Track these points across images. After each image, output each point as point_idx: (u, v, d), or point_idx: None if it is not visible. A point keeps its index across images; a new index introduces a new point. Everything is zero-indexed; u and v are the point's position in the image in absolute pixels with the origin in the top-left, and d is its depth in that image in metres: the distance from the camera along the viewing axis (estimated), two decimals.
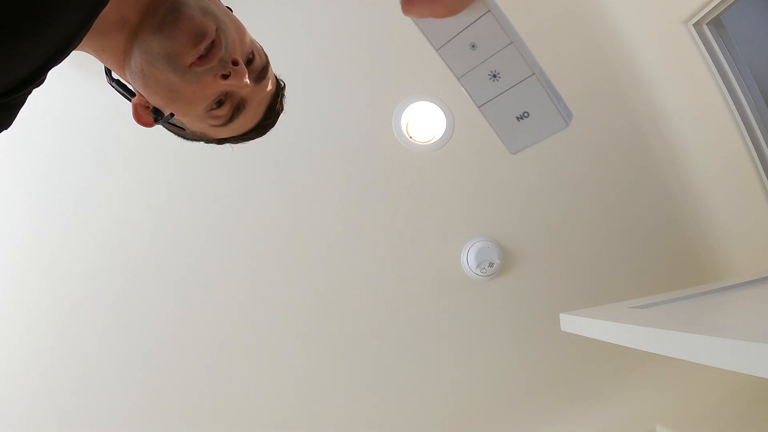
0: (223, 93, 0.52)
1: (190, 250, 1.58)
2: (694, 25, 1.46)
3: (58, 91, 1.46)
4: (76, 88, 1.47)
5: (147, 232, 1.57)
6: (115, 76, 0.55)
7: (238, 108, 0.55)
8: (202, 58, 0.49)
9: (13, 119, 0.44)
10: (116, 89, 0.56)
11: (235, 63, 0.51)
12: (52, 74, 0.44)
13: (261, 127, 0.60)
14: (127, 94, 0.56)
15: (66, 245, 1.53)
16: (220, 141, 0.61)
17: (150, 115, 0.54)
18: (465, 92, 0.38)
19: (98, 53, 0.50)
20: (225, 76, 0.50)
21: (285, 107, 0.64)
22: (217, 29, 0.49)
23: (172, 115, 0.53)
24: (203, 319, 1.58)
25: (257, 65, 0.55)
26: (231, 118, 0.55)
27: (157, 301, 1.56)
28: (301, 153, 1.62)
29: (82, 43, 0.46)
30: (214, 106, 0.53)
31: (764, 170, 1.46)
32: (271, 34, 1.58)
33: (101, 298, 1.54)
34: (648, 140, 1.76)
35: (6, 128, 0.44)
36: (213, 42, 0.49)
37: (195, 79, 0.49)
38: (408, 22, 0.37)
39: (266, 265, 1.61)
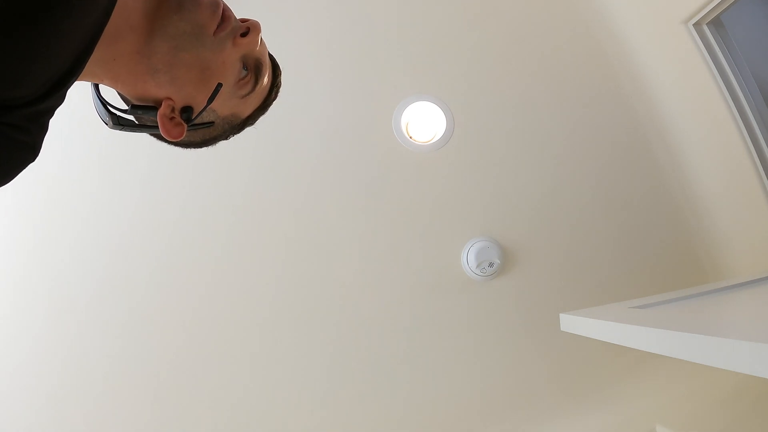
0: (242, 58, 0.54)
1: (190, 253, 1.58)
2: (694, 25, 1.46)
3: (66, 100, 1.46)
4: (84, 99, 1.46)
5: (148, 235, 1.57)
6: (115, 107, 0.53)
7: (258, 68, 0.57)
8: (220, 24, 0.51)
9: (42, 142, 0.43)
10: (126, 129, 0.54)
11: (243, 21, 0.53)
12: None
13: (275, 86, 0.63)
14: (141, 114, 0.53)
15: (73, 255, 1.53)
16: (244, 123, 0.62)
17: (179, 124, 0.53)
18: None
19: (109, 65, 0.49)
20: (243, 35, 0.52)
21: (284, 107, 0.65)
22: None
23: (216, 91, 0.53)
24: (207, 324, 1.58)
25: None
26: (256, 81, 0.57)
27: (161, 306, 1.56)
28: (301, 153, 1.62)
29: (91, 61, 0.44)
30: (241, 75, 0.55)
31: (764, 170, 1.46)
32: (272, 34, 1.58)
33: (107, 305, 1.54)
34: (648, 140, 1.76)
35: (36, 153, 0.42)
36: (222, 9, 0.51)
37: (220, 46, 0.51)
38: (408, 22, 0.37)
39: (266, 265, 1.61)
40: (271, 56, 0.62)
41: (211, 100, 0.53)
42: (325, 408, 1.61)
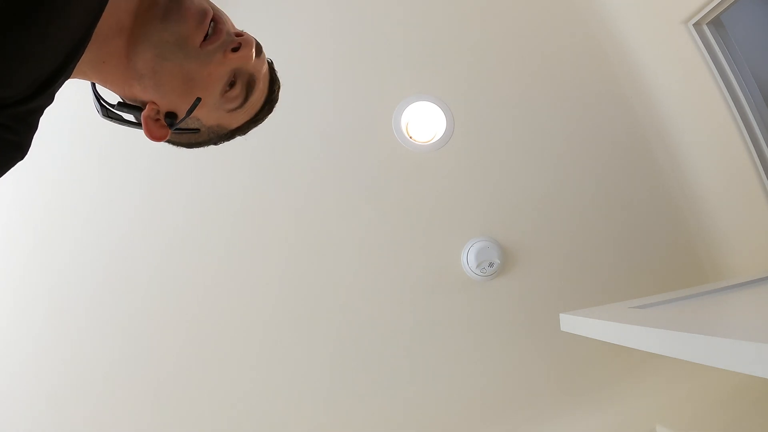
0: (233, 71, 0.53)
1: (190, 254, 1.58)
2: (694, 25, 1.46)
3: (67, 102, 1.46)
4: (84, 99, 1.46)
5: (148, 236, 1.57)
6: (106, 101, 0.54)
7: (250, 84, 0.55)
8: (210, 36, 0.50)
9: (30, 141, 0.43)
10: (115, 121, 0.55)
11: (238, 35, 0.52)
12: (64, 90, 0.43)
13: (269, 102, 0.61)
14: (128, 112, 0.54)
15: (73, 256, 1.53)
16: (233, 133, 0.61)
17: (163, 126, 0.54)
18: None
19: (98, 67, 0.49)
20: (235, 49, 0.51)
21: (283, 107, 0.64)
22: (213, 7, 0.51)
23: (195, 105, 0.52)
24: (207, 324, 1.58)
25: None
26: (246, 97, 0.56)
27: (162, 307, 1.56)
28: (301, 153, 1.62)
29: (82, 62, 0.45)
30: (227, 89, 0.54)
31: (764, 170, 1.46)
32: (272, 34, 1.58)
33: (107, 306, 1.54)
34: (647, 140, 1.76)
35: (24, 152, 0.42)
36: (214, 20, 0.50)
37: (207, 59, 0.50)
38: (408, 22, 0.36)
39: (266, 266, 1.61)
40: (272, 69, 0.61)
41: (189, 112, 0.53)
42: (325, 408, 1.61)
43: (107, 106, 0.54)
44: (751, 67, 1.48)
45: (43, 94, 0.41)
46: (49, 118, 0.43)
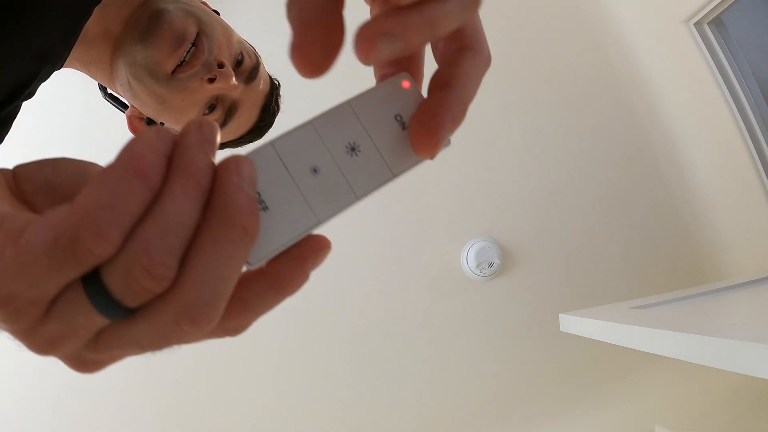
0: (213, 97, 0.52)
1: None
2: (694, 24, 1.45)
3: (66, 99, 1.46)
4: (84, 100, 1.46)
5: None
6: (109, 90, 0.54)
7: (231, 111, 0.54)
8: (184, 63, 0.48)
9: (5, 135, 0.42)
10: (112, 104, 0.56)
11: (220, 65, 0.50)
12: (60, 82, 0.43)
13: (257, 129, 0.60)
14: (122, 107, 0.56)
15: None
16: (221, 145, 0.61)
17: (144, 125, 0.54)
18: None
19: (86, 67, 0.49)
20: (211, 80, 0.49)
21: (283, 107, 0.63)
22: (198, 32, 0.48)
23: (162, 124, 0.52)
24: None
25: (247, 66, 0.54)
26: (224, 122, 0.55)
27: None
28: None
29: (71, 57, 0.45)
30: (206, 111, 0.52)
31: (764, 170, 1.46)
32: (271, 35, 1.58)
33: None
34: (648, 140, 1.75)
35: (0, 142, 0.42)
36: (196, 46, 0.48)
37: (181, 86, 0.48)
38: None
39: None
40: (272, 95, 0.59)
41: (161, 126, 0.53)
42: (323, 409, 1.61)
43: (106, 91, 0.56)
44: (752, 67, 1.48)
45: (17, 98, 0.41)
46: (49, 118, 0.43)
